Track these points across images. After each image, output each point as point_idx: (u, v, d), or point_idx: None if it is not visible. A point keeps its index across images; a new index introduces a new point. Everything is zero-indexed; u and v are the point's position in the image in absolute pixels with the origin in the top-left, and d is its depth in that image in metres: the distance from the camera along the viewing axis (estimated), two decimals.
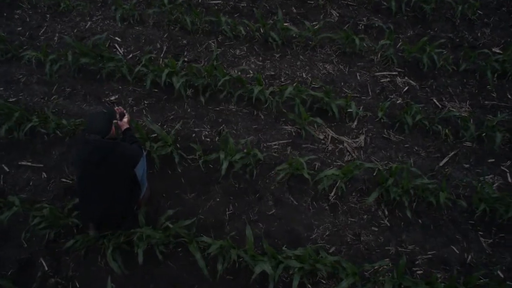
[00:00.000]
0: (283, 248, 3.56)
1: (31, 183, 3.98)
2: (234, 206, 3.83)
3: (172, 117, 4.44)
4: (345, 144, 4.26)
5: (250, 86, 4.47)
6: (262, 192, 3.91)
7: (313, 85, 4.66)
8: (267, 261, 3.31)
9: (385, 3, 5.63)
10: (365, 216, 3.80)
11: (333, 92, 4.48)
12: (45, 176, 4.02)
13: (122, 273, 3.36)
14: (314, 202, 3.87)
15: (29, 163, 4.11)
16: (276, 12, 5.33)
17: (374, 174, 4.04)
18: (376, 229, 3.72)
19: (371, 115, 4.47)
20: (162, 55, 4.99)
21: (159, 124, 4.31)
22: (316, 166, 4.08)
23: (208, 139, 4.26)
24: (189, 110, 4.49)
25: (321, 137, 4.30)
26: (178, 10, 5.37)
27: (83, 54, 4.62)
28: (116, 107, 3.63)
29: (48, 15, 5.48)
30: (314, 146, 4.24)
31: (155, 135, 4.14)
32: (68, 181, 3.96)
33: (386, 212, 3.81)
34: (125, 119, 3.61)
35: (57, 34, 5.18)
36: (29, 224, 3.55)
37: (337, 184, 3.91)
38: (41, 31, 5.26)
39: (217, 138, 4.25)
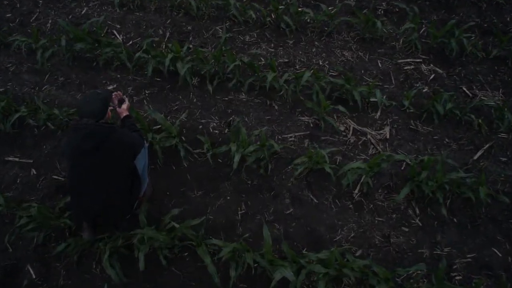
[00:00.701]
0: (303, 251, 3.13)
1: (18, 181, 3.55)
2: (247, 205, 3.40)
3: (176, 107, 4.02)
4: (368, 136, 3.85)
5: (262, 73, 4.06)
6: (278, 189, 3.48)
7: (331, 73, 4.26)
8: (288, 266, 2.88)
9: None
10: (393, 215, 3.38)
11: (353, 80, 4.07)
12: (35, 172, 3.59)
13: (121, 281, 2.92)
14: (336, 200, 3.45)
15: (16, 159, 3.69)
16: None
17: (402, 168, 3.63)
18: (407, 229, 3.29)
19: (395, 104, 4.06)
20: (165, 41, 4.58)
21: (162, 115, 3.86)
22: (338, 160, 3.66)
23: (216, 131, 3.83)
24: (195, 100, 4.07)
25: (342, 128, 3.88)
26: None
27: (78, 39, 4.20)
28: (115, 92, 3.22)
29: (40, 1, 5.09)
30: (334, 139, 3.82)
31: (158, 127, 3.73)
32: (60, 178, 3.54)
33: (417, 211, 3.39)
34: (124, 106, 3.18)
35: (50, 20, 4.77)
36: (15, 225, 3.13)
37: (362, 180, 3.49)
38: (33, 18, 4.85)
39: (226, 130, 3.84)
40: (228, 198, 3.44)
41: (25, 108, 3.74)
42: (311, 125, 3.91)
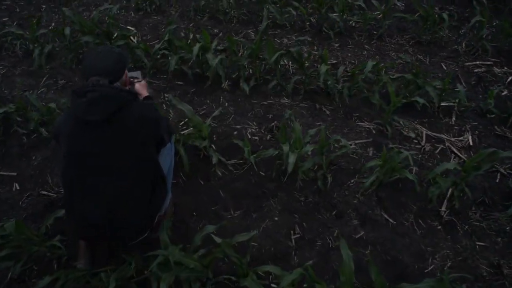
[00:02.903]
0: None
1: None
2: (302, 227, 2.50)
3: (203, 112, 3.22)
4: (447, 144, 3.04)
5: (310, 71, 3.33)
6: (341, 208, 2.60)
7: (389, 75, 3.54)
8: None
9: None
10: (499, 239, 2.48)
11: (422, 77, 3.34)
12: (18, 187, 2.71)
13: None
14: (419, 220, 2.55)
15: None
16: None
17: (497, 181, 2.78)
18: None
19: (473, 107, 3.31)
20: (190, 38, 3.91)
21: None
22: (414, 170, 2.82)
23: (255, 137, 3.00)
24: (226, 105, 3.29)
25: (412, 135, 3.09)
26: None
27: (85, 31, 3.49)
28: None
29: (44, 6, 4.49)
30: (404, 147, 3.00)
31: (183, 132, 2.92)
32: (51, 193, 2.65)
33: None
34: (143, 82, 2.39)
35: (53, 24, 4.11)
36: None
37: (449, 193, 2.64)
38: (34, 21, 4.11)
39: (268, 136, 3.02)
40: (276, 219, 2.55)
41: (12, 105, 2.93)
42: (374, 131, 3.11)
